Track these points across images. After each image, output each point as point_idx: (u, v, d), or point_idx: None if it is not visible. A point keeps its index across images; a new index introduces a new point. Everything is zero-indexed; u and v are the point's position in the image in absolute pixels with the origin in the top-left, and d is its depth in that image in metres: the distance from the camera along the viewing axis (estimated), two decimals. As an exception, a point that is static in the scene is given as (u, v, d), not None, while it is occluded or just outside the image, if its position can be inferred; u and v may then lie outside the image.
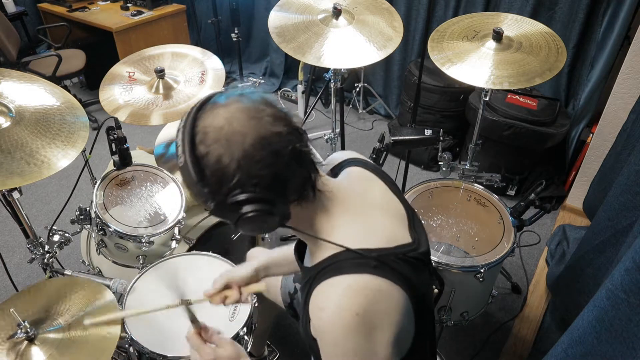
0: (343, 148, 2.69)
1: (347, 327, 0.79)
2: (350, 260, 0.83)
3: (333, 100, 2.31)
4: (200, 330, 0.99)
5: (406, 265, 0.86)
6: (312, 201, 0.87)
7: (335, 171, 1.03)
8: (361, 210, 0.91)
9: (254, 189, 0.77)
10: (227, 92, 0.83)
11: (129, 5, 3.76)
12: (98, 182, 1.63)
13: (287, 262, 1.27)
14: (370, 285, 0.81)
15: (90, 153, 1.68)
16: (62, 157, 1.24)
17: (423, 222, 1.35)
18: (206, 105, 0.81)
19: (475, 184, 1.86)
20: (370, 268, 0.82)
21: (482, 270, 1.57)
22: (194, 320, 0.98)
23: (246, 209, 0.78)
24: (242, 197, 0.77)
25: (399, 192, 1.02)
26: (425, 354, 0.98)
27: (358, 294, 0.80)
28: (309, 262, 0.95)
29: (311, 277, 0.88)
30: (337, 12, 1.97)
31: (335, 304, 0.80)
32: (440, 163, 1.92)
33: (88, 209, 1.61)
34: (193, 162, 0.77)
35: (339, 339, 0.80)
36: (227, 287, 1.21)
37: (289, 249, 1.26)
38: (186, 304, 0.99)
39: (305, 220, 0.89)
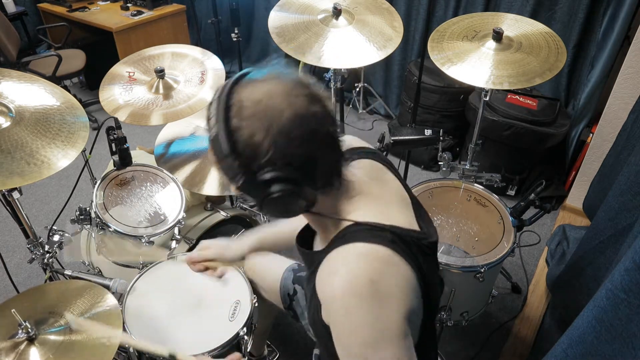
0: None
1: (361, 294, 0.74)
2: (366, 231, 0.81)
3: (333, 100, 2.30)
4: None
5: (418, 249, 0.84)
6: (337, 189, 0.86)
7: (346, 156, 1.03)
8: (377, 197, 0.91)
9: (285, 168, 0.76)
10: (264, 69, 0.82)
11: (129, 5, 3.76)
12: (98, 182, 1.63)
13: (279, 242, 1.29)
14: (386, 256, 0.78)
15: (90, 153, 1.68)
16: (62, 157, 1.24)
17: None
18: (243, 80, 0.80)
19: (475, 184, 1.86)
20: (387, 241, 0.79)
21: (482, 270, 1.57)
22: None
23: (275, 188, 0.76)
24: (272, 174, 0.76)
25: (405, 183, 1.02)
26: (428, 350, 0.95)
27: (375, 260, 0.77)
28: (317, 248, 0.92)
29: (322, 258, 0.84)
30: (337, 12, 1.97)
31: (349, 268, 0.76)
32: (440, 163, 1.91)
33: (88, 209, 1.61)
34: (227, 134, 0.75)
35: (351, 307, 0.74)
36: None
37: (281, 228, 1.27)
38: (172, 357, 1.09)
39: (328, 208, 0.87)
